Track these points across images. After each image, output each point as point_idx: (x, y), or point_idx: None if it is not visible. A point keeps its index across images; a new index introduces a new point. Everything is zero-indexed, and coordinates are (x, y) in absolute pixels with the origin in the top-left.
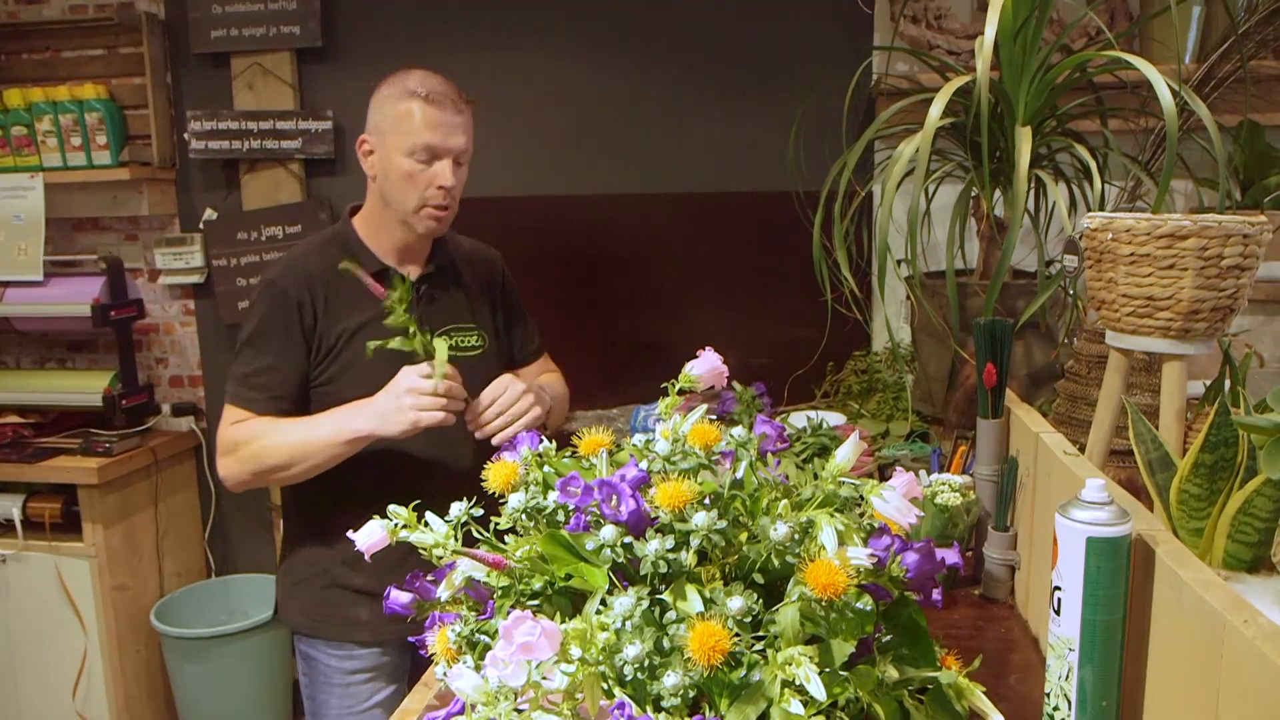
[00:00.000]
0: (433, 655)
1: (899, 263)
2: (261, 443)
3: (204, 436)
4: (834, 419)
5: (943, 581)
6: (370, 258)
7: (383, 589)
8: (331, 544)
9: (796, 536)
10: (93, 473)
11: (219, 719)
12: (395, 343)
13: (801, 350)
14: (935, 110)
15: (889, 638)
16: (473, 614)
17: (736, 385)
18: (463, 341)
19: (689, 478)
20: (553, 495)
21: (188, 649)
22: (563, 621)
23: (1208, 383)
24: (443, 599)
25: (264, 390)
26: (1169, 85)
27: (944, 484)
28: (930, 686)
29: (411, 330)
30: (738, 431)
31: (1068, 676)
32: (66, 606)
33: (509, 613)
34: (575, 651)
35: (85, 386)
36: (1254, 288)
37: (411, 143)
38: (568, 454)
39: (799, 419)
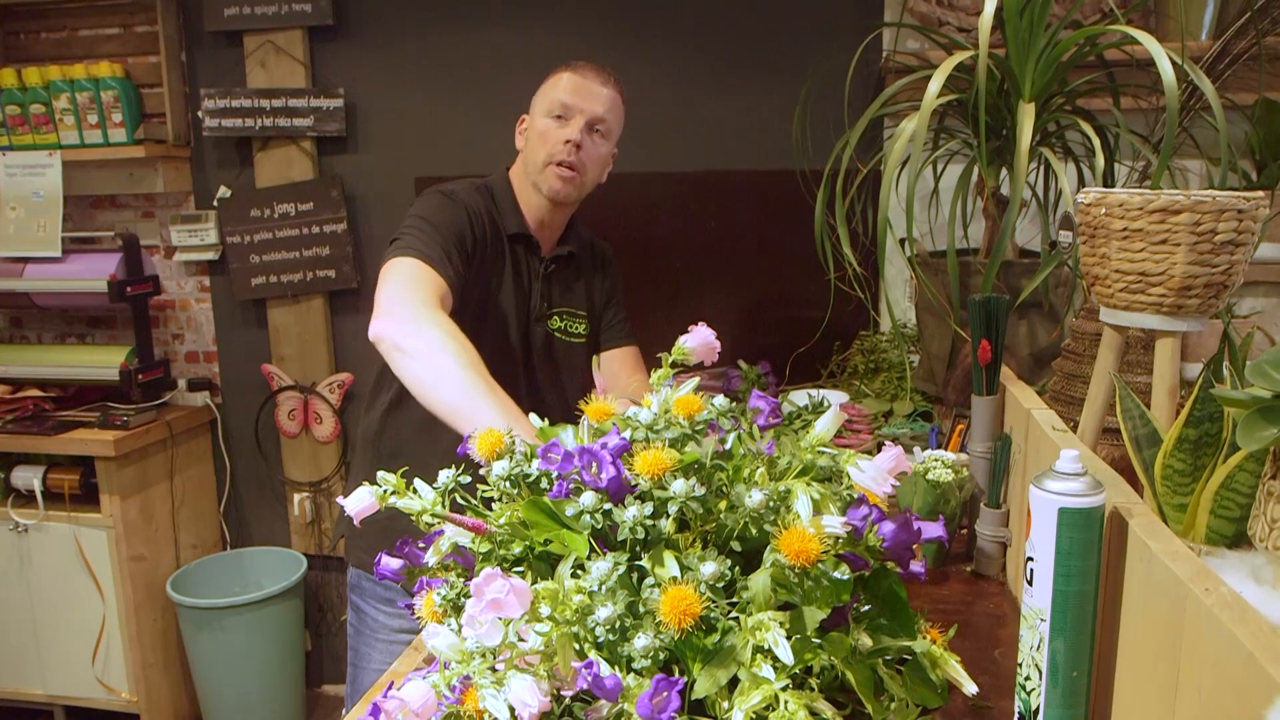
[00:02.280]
0: (420, 618)
1: (901, 242)
2: (449, 354)
3: (219, 412)
4: (837, 397)
5: (931, 555)
6: (516, 218)
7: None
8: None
9: (772, 504)
10: (109, 445)
11: (234, 687)
12: None
13: (807, 329)
14: (934, 85)
15: (868, 607)
16: (460, 580)
17: (742, 364)
18: (572, 327)
19: (676, 447)
20: (536, 463)
21: (203, 619)
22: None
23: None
24: (430, 564)
25: (448, 264)
26: (1172, 59)
27: (936, 460)
28: (909, 656)
29: None
30: (719, 400)
31: (1039, 647)
32: (85, 575)
33: None
34: (545, 610)
35: (103, 361)
36: (1266, 270)
37: (550, 101)
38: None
39: (800, 397)
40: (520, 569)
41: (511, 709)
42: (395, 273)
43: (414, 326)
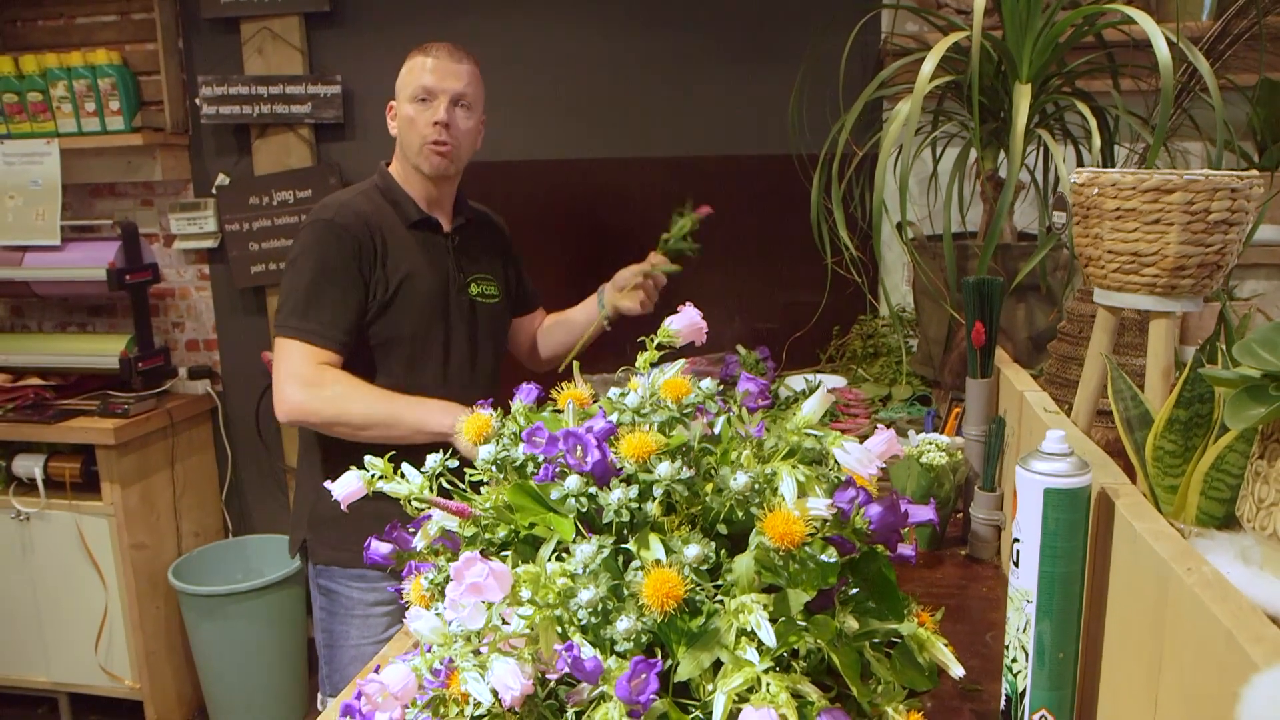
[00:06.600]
0: (408, 602)
1: (898, 226)
2: (351, 395)
3: (220, 400)
4: (834, 382)
5: (924, 539)
6: (413, 206)
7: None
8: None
9: (757, 487)
10: (109, 433)
11: (237, 674)
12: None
13: (805, 314)
14: (928, 66)
15: (856, 590)
16: (449, 564)
17: (741, 349)
18: (487, 290)
19: (663, 431)
20: (522, 447)
21: (205, 606)
22: None
23: None
24: (419, 549)
25: (334, 326)
26: (1168, 39)
27: (930, 444)
28: (898, 640)
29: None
30: (706, 383)
31: (1025, 629)
32: (87, 563)
33: None
34: (526, 594)
35: (103, 350)
36: (1267, 252)
37: (412, 89)
38: (549, 409)
39: (797, 382)
40: (506, 553)
41: (494, 692)
42: (292, 363)
43: (316, 401)
